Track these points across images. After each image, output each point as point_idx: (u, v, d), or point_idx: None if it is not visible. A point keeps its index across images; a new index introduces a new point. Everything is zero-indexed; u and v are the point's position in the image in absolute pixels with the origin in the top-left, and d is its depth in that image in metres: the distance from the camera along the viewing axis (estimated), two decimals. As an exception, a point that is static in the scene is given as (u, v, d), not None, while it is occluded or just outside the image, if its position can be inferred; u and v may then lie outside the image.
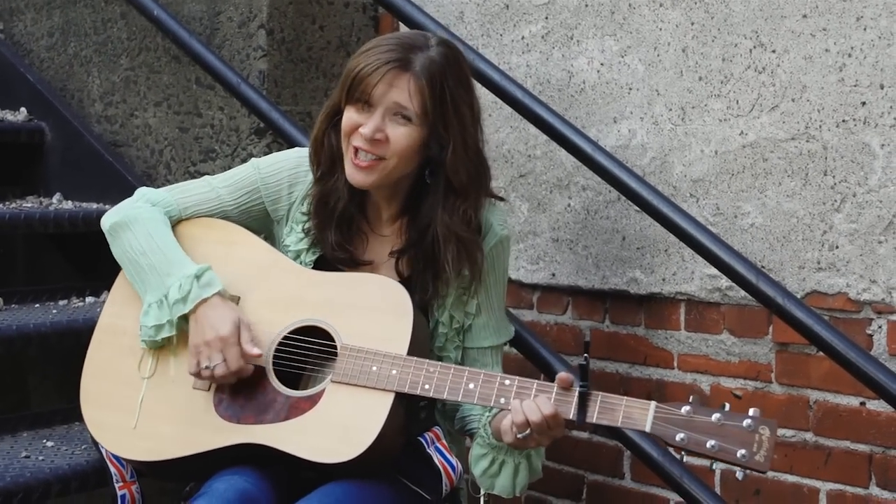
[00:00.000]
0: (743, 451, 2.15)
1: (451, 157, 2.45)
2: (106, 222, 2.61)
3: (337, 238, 2.53)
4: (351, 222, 2.55)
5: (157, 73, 3.79)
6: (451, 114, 2.44)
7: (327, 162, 2.53)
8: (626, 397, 2.25)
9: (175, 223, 2.61)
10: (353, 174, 2.46)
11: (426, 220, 2.50)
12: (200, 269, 2.48)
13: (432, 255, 2.50)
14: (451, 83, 2.44)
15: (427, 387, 2.34)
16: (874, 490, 2.70)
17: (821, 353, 2.57)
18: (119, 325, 2.60)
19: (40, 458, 2.87)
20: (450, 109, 2.44)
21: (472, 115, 2.49)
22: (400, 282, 2.49)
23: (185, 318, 2.47)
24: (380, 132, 2.41)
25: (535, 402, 2.26)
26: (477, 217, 2.52)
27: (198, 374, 2.44)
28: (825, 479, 2.79)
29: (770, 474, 2.86)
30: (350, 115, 2.45)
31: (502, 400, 2.31)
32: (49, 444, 2.99)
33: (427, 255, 2.50)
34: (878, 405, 2.67)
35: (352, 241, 2.56)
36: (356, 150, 2.44)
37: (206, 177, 2.70)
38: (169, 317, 2.47)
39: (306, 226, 2.58)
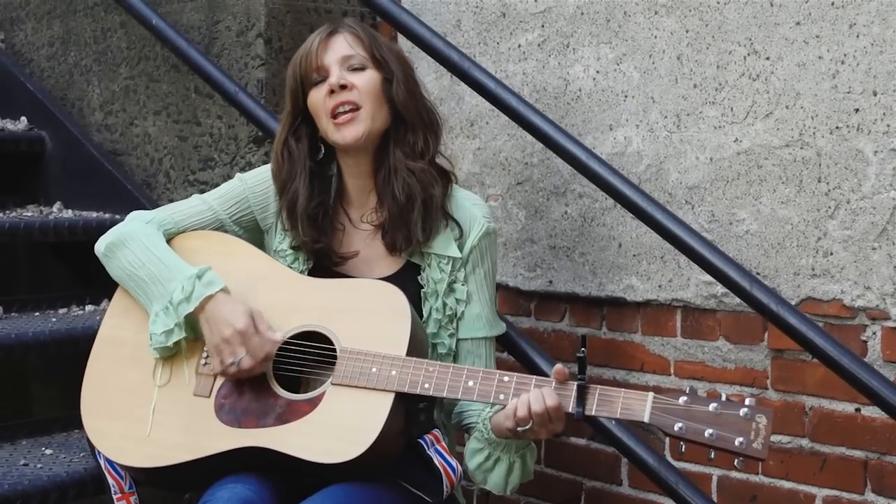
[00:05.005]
0: (741, 440, 2.16)
1: (396, 87, 2.62)
2: (100, 245, 2.63)
3: (309, 234, 2.59)
4: (320, 217, 2.63)
5: (156, 81, 3.80)
6: (387, 53, 2.65)
7: (287, 169, 2.64)
8: (623, 389, 2.27)
9: (172, 237, 2.64)
10: (341, 134, 2.58)
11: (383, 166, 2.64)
12: (201, 269, 2.50)
13: (393, 196, 2.59)
14: (376, 35, 2.70)
15: (427, 386, 2.36)
16: (870, 496, 2.70)
17: (816, 360, 2.58)
18: (119, 336, 2.62)
19: (38, 465, 2.89)
20: (385, 50, 2.66)
21: (405, 61, 2.68)
22: (390, 252, 2.61)
23: (194, 320, 2.49)
24: (344, 79, 2.57)
25: (540, 391, 2.29)
26: (430, 154, 2.64)
27: (224, 373, 2.45)
28: (821, 486, 2.79)
29: (766, 480, 2.87)
30: (314, 95, 2.62)
31: (501, 396, 2.33)
32: (48, 451, 3.00)
33: (395, 202, 2.59)
34: (873, 411, 2.67)
35: (328, 234, 2.63)
36: (334, 112, 2.57)
37: (196, 194, 2.73)
38: (176, 320, 2.48)
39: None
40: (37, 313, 3.48)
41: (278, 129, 2.70)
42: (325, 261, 2.62)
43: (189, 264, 2.53)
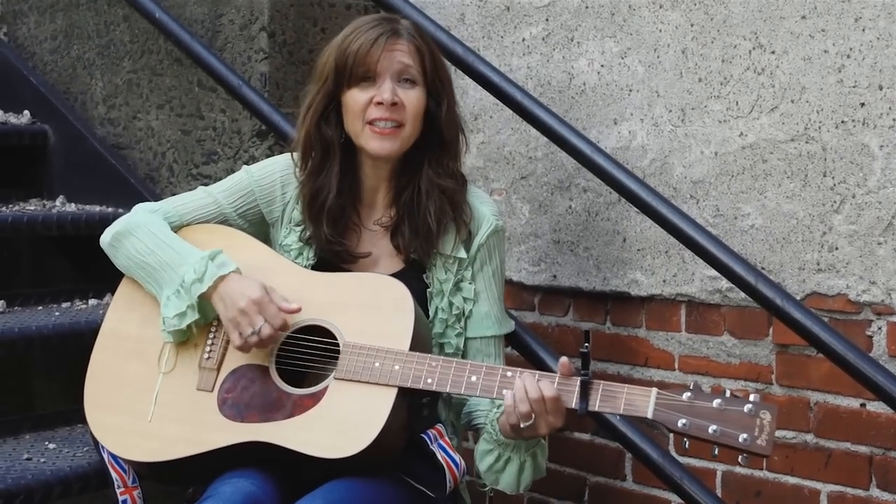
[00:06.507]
0: (745, 436, 2.15)
1: (446, 112, 2.59)
2: (106, 235, 2.62)
3: (329, 231, 2.57)
4: (341, 215, 2.60)
5: (159, 75, 3.80)
6: (442, 70, 2.60)
7: (319, 155, 2.60)
8: (627, 385, 2.25)
9: (176, 230, 2.62)
10: (378, 144, 2.53)
11: (409, 182, 2.60)
12: (213, 251, 2.50)
13: (418, 213, 2.57)
14: (433, 45, 2.62)
15: (430, 381, 2.35)
16: (875, 492, 2.70)
17: (821, 355, 2.57)
18: (122, 329, 2.62)
19: (42, 460, 2.88)
20: (440, 66, 2.60)
21: (450, 78, 2.64)
22: (397, 252, 2.59)
23: (205, 303, 2.48)
24: (397, 98, 2.51)
25: (537, 383, 2.27)
26: (458, 169, 2.63)
27: (244, 346, 2.43)
28: (826, 481, 2.78)
29: (771, 476, 2.87)
30: (356, 95, 2.54)
31: (505, 391, 2.32)
32: (51, 446, 3.00)
33: (413, 216, 2.57)
34: (878, 406, 2.67)
35: (345, 234, 2.61)
36: (373, 122, 2.52)
37: (200, 187, 2.72)
38: (189, 301, 2.47)
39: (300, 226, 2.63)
40: (40, 307, 3.47)
41: (306, 109, 2.61)
42: (334, 258, 2.61)
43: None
